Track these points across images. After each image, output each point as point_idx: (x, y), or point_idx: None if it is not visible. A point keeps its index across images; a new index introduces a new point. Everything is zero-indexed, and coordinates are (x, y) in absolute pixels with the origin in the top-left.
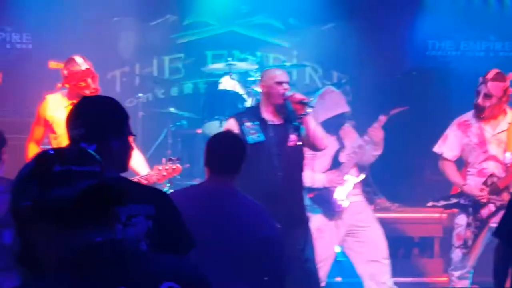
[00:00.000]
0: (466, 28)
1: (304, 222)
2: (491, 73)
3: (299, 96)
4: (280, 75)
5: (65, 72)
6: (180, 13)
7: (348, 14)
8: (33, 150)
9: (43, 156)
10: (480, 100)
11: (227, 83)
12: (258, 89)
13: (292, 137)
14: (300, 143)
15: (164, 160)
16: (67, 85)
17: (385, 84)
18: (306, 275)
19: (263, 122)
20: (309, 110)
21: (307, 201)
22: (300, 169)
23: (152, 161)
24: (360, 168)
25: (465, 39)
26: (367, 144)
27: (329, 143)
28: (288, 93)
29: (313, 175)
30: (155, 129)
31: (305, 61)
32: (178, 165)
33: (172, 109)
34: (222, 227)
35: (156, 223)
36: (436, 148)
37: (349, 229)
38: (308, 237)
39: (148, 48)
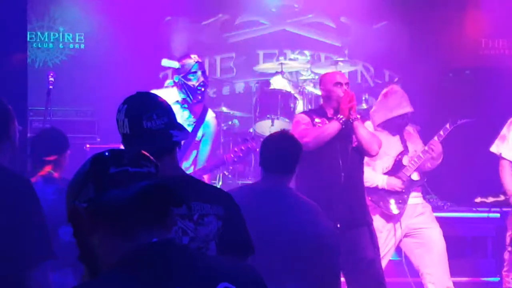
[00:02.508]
0: None
1: (367, 221)
2: None
3: (345, 105)
4: (338, 76)
5: (178, 65)
6: (231, 13)
7: (399, 13)
8: None
9: (98, 157)
10: None
11: (279, 82)
12: (312, 89)
13: (355, 137)
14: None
15: (239, 140)
16: (176, 78)
17: (437, 83)
18: (368, 274)
19: (330, 120)
20: (357, 116)
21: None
22: (361, 169)
23: None
24: (421, 173)
25: None
26: (428, 153)
27: (391, 143)
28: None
29: (375, 174)
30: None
31: (356, 60)
32: (253, 143)
33: (223, 108)
34: (276, 226)
35: (225, 224)
36: (494, 148)
37: (408, 231)
38: (371, 236)
39: (200, 48)
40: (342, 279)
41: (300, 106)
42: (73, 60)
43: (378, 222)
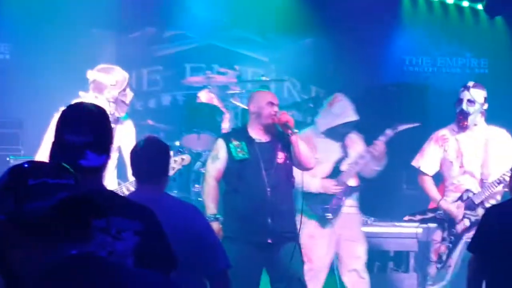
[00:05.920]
0: (443, 44)
1: (294, 235)
2: (471, 82)
3: (284, 118)
4: (272, 96)
5: (113, 81)
6: (159, 26)
7: (326, 29)
8: None
9: (17, 169)
10: (464, 106)
11: (205, 96)
12: (239, 104)
13: (281, 154)
14: (289, 161)
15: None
16: (97, 95)
17: (362, 99)
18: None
19: (249, 140)
20: (295, 131)
21: (303, 205)
22: (289, 184)
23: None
24: (360, 178)
25: (441, 55)
26: (368, 156)
27: (332, 149)
28: (277, 114)
29: (311, 179)
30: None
31: (283, 75)
32: (187, 155)
33: (149, 121)
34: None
35: (143, 240)
36: (414, 162)
37: (338, 239)
38: (296, 250)
39: (127, 60)
40: None
41: (226, 120)
42: None
43: (313, 228)
